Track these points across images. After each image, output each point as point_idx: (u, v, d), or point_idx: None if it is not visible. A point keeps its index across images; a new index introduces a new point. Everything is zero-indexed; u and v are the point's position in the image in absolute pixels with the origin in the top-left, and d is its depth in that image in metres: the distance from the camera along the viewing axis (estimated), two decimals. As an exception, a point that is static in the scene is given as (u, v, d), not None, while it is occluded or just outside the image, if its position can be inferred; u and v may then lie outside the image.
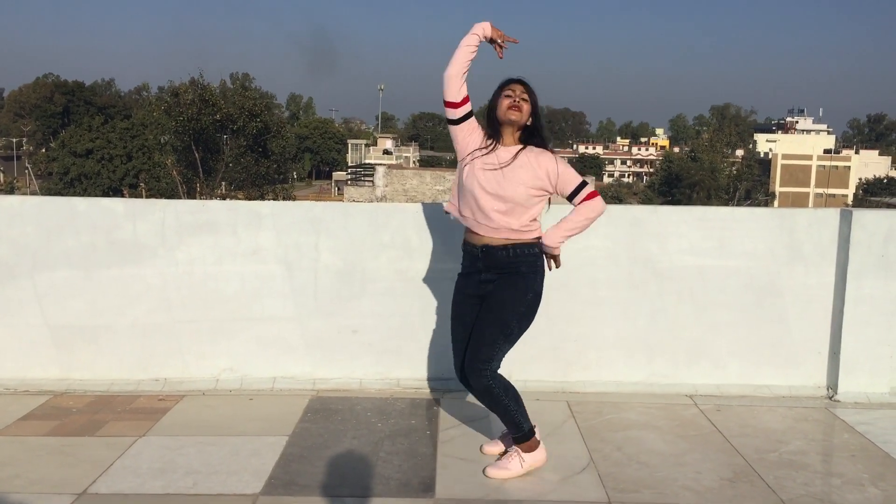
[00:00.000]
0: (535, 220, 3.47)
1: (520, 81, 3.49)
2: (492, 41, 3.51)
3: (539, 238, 3.49)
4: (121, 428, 3.99)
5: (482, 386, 3.41)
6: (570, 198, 3.47)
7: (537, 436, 3.56)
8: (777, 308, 4.61)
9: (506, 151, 3.44)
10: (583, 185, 3.45)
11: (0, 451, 3.69)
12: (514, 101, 3.43)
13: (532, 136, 3.50)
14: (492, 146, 3.46)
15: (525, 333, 4.57)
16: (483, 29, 3.47)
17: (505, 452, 3.63)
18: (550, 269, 3.57)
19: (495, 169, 3.40)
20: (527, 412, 3.52)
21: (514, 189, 3.36)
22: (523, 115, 3.45)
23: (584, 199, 3.45)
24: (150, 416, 4.15)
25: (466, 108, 3.52)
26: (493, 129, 3.50)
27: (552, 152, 3.50)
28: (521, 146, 3.47)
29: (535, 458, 3.54)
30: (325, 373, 4.64)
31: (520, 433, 3.51)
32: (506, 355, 3.49)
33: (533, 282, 3.46)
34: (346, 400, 4.44)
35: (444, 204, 3.66)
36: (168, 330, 4.59)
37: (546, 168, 3.41)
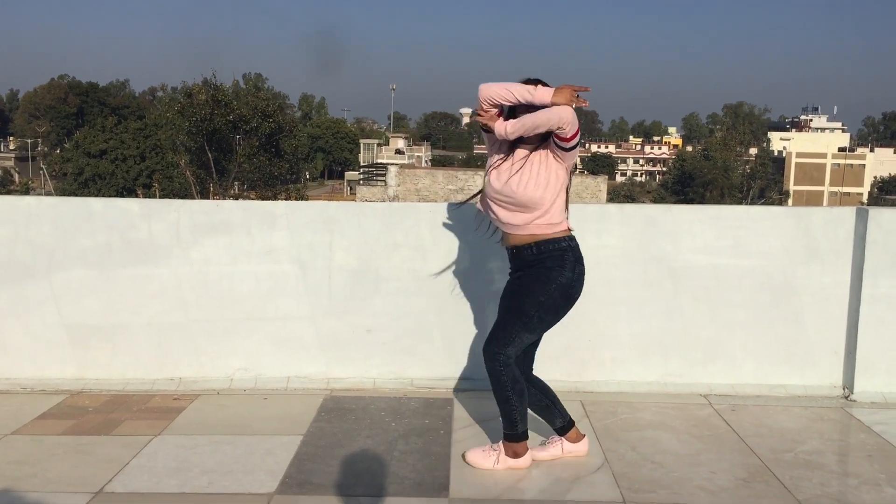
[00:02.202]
0: (557, 211, 3.44)
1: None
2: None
3: (564, 232, 3.47)
4: (136, 427, 4.01)
5: (492, 369, 3.46)
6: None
7: (527, 444, 3.59)
8: (792, 307, 4.59)
9: (520, 153, 3.45)
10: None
11: (17, 449, 3.72)
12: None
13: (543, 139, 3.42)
14: (508, 154, 3.47)
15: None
16: (541, 98, 3.32)
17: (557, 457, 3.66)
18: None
19: (508, 173, 3.42)
20: (527, 417, 3.54)
21: (524, 189, 3.37)
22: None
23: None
24: (166, 415, 4.18)
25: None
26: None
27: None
28: (532, 147, 3.44)
29: (515, 462, 3.55)
30: (339, 372, 4.65)
31: (511, 431, 3.54)
32: (524, 345, 3.50)
33: (558, 274, 3.42)
34: (359, 399, 4.45)
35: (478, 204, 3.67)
36: (183, 329, 4.62)
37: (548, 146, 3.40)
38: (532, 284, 3.43)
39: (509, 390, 3.46)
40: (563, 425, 3.68)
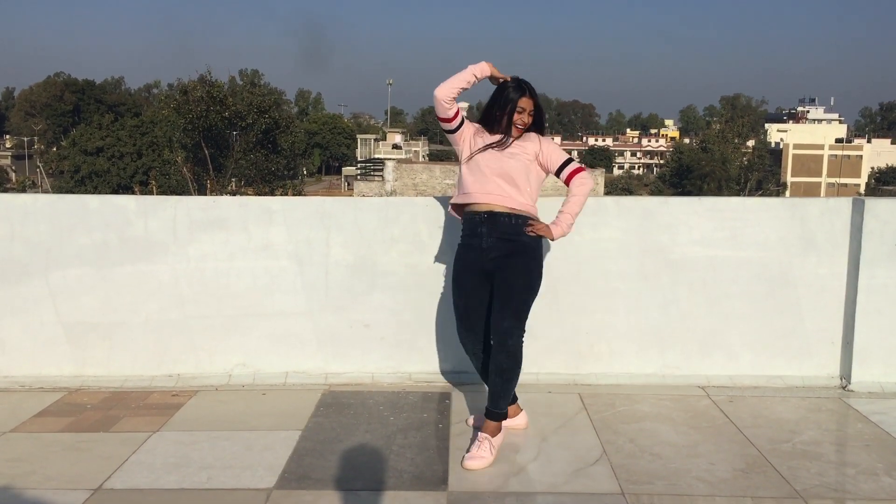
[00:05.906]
0: (535, 201, 3.74)
1: (530, 95, 3.71)
2: (491, 79, 3.78)
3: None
4: (135, 424, 4.01)
5: (517, 346, 3.62)
6: (558, 173, 3.73)
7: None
8: (789, 298, 4.59)
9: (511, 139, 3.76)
10: (568, 161, 3.72)
11: (16, 447, 3.72)
12: (524, 118, 3.72)
13: (534, 128, 3.80)
14: (504, 140, 3.72)
15: (537, 326, 4.57)
16: (481, 70, 3.71)
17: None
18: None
19: (501, 151, 3.68)
20: None
21: (515, 161, 3.64)
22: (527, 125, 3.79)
23: (571, 175, 3.70)
24: (164, 411, 4.18)
25: (459, 119, 3.79)
26: (497, 124, 3.75)
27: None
28: (522, 133, 3.78)
29: (501, 439, 3.69)
30: (338, 367, 4.65)
31: (502, 410, 3.69)
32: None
33: (539, 249, 3.72)
34: (358, 394, 4.45)
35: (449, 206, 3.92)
36: (181, 326, 4.61)
37: (536, 143, 3.72)
38: (527, 261, 3.65)
39: (518, 369, 3.66)
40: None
